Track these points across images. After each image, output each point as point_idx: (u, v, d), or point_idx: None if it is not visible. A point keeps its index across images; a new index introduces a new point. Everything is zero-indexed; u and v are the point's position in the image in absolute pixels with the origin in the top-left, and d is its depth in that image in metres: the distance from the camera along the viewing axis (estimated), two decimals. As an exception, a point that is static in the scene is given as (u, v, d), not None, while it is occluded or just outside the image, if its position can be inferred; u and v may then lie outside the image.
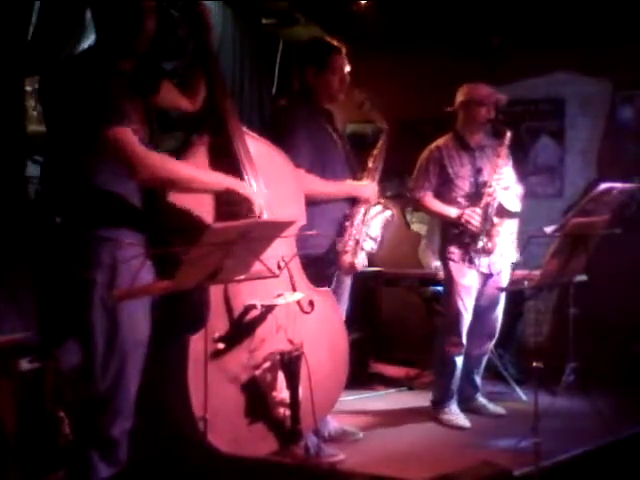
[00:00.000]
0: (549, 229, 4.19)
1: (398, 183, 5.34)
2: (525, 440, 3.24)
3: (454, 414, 3.98)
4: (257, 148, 2.91)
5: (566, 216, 4.25)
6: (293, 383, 2.77)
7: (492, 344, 4.19)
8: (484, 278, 4.00)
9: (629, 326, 4.81)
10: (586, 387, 3.85)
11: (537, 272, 3.52)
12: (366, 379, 4.92)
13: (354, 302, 3.67)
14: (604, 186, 4.08)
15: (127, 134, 2.45)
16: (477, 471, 3.03)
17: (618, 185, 4.13)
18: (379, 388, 4.84)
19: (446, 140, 4.08)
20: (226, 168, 2.73)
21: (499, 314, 4.09)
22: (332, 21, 5.26)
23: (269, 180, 2.85)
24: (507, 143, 3.97)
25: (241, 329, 2.79)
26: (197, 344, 2.58)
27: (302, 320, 2.96)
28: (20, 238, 3.20)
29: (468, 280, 3.96)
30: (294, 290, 2.94)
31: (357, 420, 3.94)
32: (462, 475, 3.00)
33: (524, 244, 3.78)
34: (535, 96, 5.61)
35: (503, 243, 3.97)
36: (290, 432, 2.81)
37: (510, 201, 3.97)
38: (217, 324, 2.71)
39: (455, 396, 4.05)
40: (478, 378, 4.19)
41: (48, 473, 2.85)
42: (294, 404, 2.78)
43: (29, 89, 3.50)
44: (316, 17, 5.30)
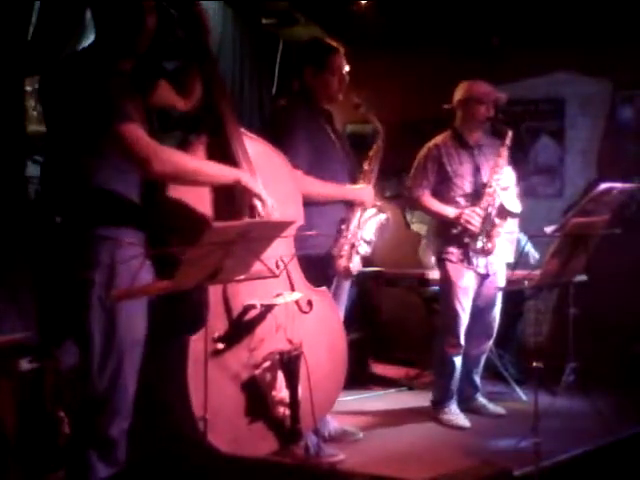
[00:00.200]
0: (549, 229, 4.19)
1: (398, 183, 5.34)
2: (525, 440, 3.24)
3: (454, 414, 3.97)
4: (255, 148, 2.91)
5: (566, 216, 4.25)
6: (292, 382, 2.77)
7: (490, 344, 4.18)
8: (481, 278, 3.97)
9: (629, 326, 4.81)
10: (586, 387, 3.85)
11: (537, 272, 3.52)
12: (366, 379, 4.91)
13: (354, 302, 3.67)
14: (604, 186, 4.08)
15: (138, 129, 2.46)
16: (477, 471, 3.04)
17: (618, 185, 4.13)
18: (379, 388, 4.82)
19: (444, 138, 4.02)
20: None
21: (497, 314, 4.07)
22: (332, 21, 5.28)
23: (267, 180, 2.85)
24: (508, 143, 3.93)
25: (240, 329, 2.79)
26: (197, 344, 2.58)
27: (301, 320, 2.96)
28: (20, 238, 3.21)
29: (466, 281, 3.93)
30: (293, 290, 2.94)
31: (357, 420, 3.94)
32: (462, 475, 3.01)
33: (522, 246, 3.81)
34: (535, 96, 5.61)
35: (500, 243, 3.95)
36: (290, 431, 2.81)
37: (511, 202, 3.96)
38: (217, 324, 2.71)
39: (455, 396, 4.04)
40: (478, 378, 4.18)
41: (48, 473, 2.85)
42: (294, 403, 2.78)
43: (29, 89, 3.51)
44: (316, 17, 5.32)
